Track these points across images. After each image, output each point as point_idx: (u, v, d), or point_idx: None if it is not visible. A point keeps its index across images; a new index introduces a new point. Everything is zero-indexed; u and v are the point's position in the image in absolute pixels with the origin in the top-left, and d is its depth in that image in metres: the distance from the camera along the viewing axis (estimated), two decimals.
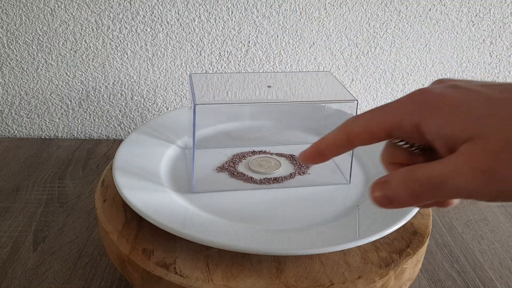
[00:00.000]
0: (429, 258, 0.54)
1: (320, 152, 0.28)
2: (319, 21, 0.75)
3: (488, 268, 0.53)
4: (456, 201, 0.27)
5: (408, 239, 0.43)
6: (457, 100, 0.24)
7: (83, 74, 0.77)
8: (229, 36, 0.75)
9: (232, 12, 0.74)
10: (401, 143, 0.27)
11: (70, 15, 0.72)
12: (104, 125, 0.81)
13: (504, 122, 0.22)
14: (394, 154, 0.27)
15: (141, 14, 0.73)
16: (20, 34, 0.73)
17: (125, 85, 0.78)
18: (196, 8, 0.73)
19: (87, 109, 0.79)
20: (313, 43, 0.77)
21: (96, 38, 0.74)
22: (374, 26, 0.76)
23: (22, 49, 0.74)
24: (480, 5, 0.76)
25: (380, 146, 0.28)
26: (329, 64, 0.79)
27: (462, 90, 0.24)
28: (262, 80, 0.55)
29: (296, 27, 0.75)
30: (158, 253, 0.40)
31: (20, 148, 0.75)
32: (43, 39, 0.74)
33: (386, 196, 0.25)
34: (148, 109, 0.80)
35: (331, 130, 0.27)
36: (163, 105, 0.80)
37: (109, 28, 0.74)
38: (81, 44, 0.74)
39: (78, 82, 0.77)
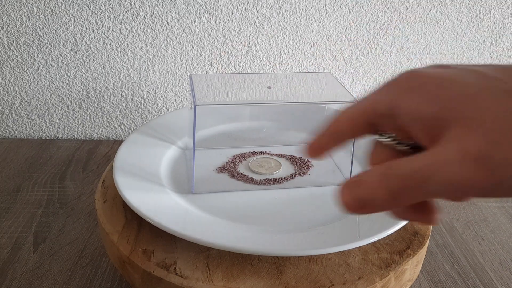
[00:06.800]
0: (429, 259, 0.54)
1: (321, 146, 0.25)
2: (319, 22, 0.75)
3: (489, 269, 0.53)
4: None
5: (408, 240, 0.43)
6: (445, 76, 0.20)
7: (84, 75, 0.77)
8: (229, 36, 0.75)
9: (232, 13, 0.74)
10: (385, 139, 0.24)
11: (70, 16, 0.72)
12: (105, 126, 0.81)
13: (504, 98, 0.18)
14: (381, 155, 0.24)
15: (141, 15, 0.73)
16: (20, 35, 0.73)
17: (125, 86, 0.78)
18: (196, 9, 0.73)
19: (87, 110, 0.79)
20: (313, 44, 0.77)
21: (97, 39, 0.74)
22: (374, 27, 0.76)
23: (22, 49, 0.75)
24: (480, 6, 0.76)
25: None
26: (329, 64, 0.79)
27: (454, 69, 0.21)
28: (262, 80, 0.55)
29: (296, 28, 0.75)
30: (158, 254, 0.40)
31: (20, 149, 0.75)
32: (43, 40, 0.74)
33: (359, 198, 0.21)
34: (149, 110, 0.80)
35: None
36: (164, 106, 0.80)
37: (109, 29, 0.74)
38: (81, 45, 0.74)
39: (79, 83, 0.77)
